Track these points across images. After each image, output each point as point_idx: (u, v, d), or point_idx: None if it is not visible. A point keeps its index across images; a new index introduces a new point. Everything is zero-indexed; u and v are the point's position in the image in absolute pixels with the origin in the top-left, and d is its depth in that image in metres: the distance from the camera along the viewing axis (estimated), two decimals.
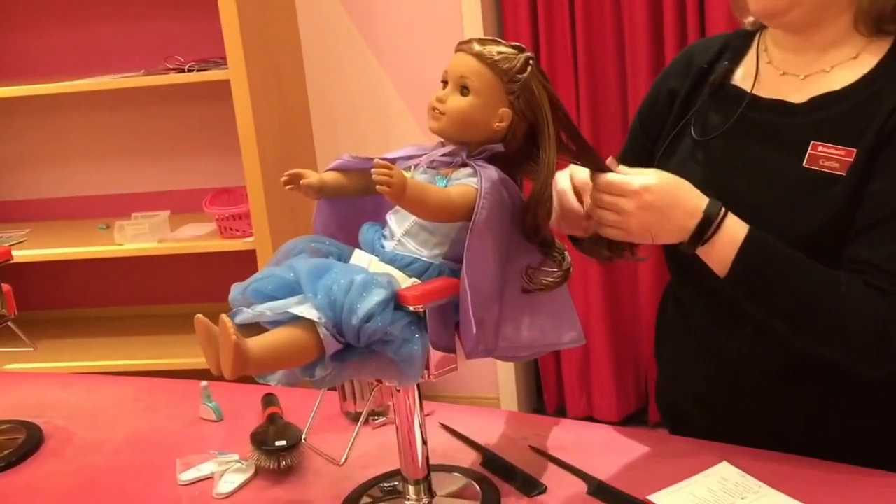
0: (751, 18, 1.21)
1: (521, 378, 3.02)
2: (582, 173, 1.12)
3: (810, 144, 1.10)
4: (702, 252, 1.07)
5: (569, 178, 1.15)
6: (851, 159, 1.07)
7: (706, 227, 1.05)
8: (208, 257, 2.49)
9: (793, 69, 1.16)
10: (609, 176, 1.06)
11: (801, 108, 1.14)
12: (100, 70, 2.65)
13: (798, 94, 1.15)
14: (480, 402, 2.98)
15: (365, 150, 1.04)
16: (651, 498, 1.04)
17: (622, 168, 1.07)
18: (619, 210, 1.05)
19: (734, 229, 1.06)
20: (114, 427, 1.38)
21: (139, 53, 2.66)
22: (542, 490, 1.08)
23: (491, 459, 1.16)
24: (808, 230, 1.07)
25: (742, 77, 1.21)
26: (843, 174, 1.07)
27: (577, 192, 1.14)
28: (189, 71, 2.45)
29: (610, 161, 1.07)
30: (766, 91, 1.18)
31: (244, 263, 2.04)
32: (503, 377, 2.96)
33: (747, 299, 1.09)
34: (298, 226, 2.41)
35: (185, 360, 2.45)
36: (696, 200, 1.06)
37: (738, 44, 1.24)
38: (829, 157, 1.09)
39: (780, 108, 1.15)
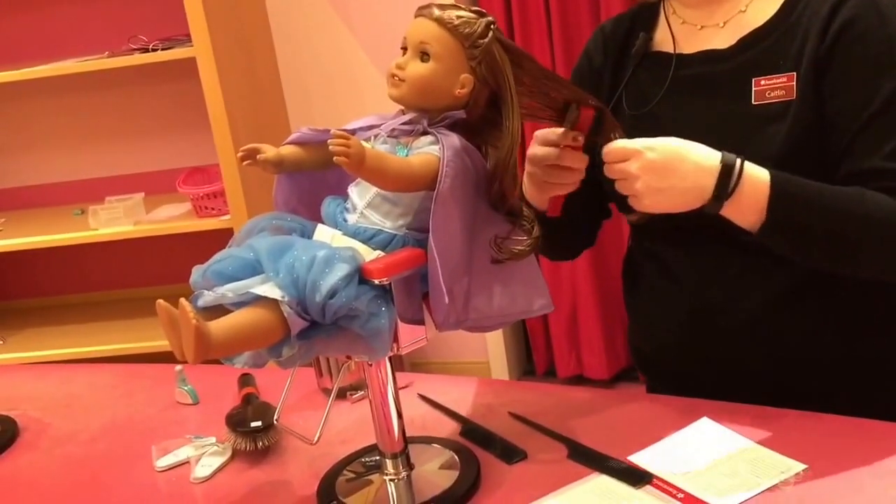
0: None
1: (510, 341, 3.02)
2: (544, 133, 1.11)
3: (752, 81, 1.11)
4: (729, 207, 1.03)
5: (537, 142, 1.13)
6: (794, 83, 1.09)
7: (728, 177, 1.01)
8: (185, 238, 2.47)
9: (709, 21, 1.18)
10: (612, 143, 1.04)
11: (730, 52, 1.15)
12: (63, 54, 2.61)
13: (723, 40, 1.16)
14: (470, 367, 2.98)
15: (340, 121, 1.02)
16: (632, 458, 1.04)
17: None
18: (625, 175, 1.03)
19: (756, 174, 1.03)
20: (89, 415, 1.36)
21: (102, 35, 2.61)
22: (523, 456, 1.08)
23: (470, 429, 1.15)
24: (773, 163, 1.06)
25: (661, 42, 1.22)
26: (794, 98, 1.09)
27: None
28: (154, 50, 2.41)
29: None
30: (690, 47, 1.19)
31: (222, 242, 2.00)
32: (492, 341, 2.96)
33: (785, 243, 1.06)
34: None
35: (166, 342, 2.42)
36: (706, 153, 1.03)
37: (646, 15, 1.25)
38: (774, 87, 1.10)
39: (711, 57, 1.16)
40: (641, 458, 1.04)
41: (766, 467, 0.99)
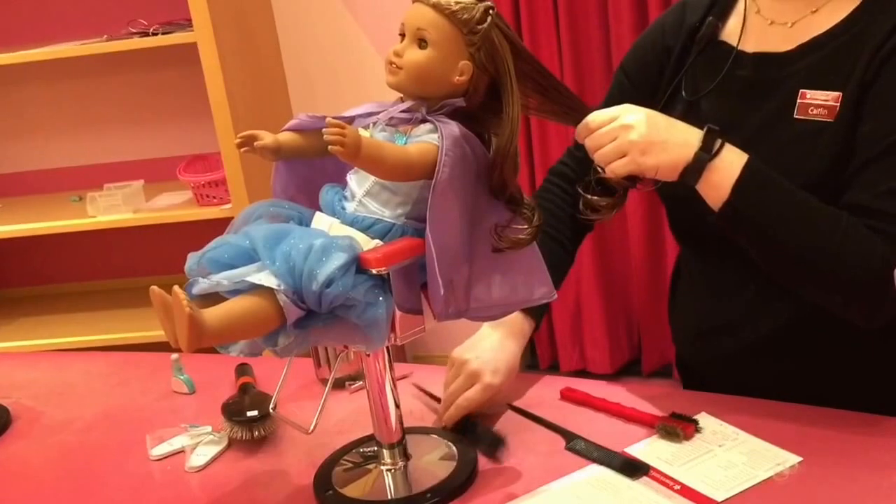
0: None
1: None
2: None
3: (799, 93, 1.08)
4: (704, 178, 1.02)
5: None
6: (837, 104, 1.05)
7: (711, 141, 1.01)
8: (185, 226, 2.45)
9: (781, 17, 1.13)
10: (598, 112, 1.03)
11: (787, 58, 1.11)
12: (61, 37, 2.58)
13: (785, 42, 1.12)
14: None
15: (343, 107, 1.01)
16: (629, 450, 1.03)
17: None
18: (620, 127, 1.01)
19: (734, 154, 1.02)
20: (84, 404, 1.35)
21: (101, 18, 2.58)
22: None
23: (468, 420, 1.14)
24: (803, 182, 1.03)
25: (730, 32, 1.18)
26: (831, 120, 1.05)
27: None
28: (154, 34, 2.39)
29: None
30: (752, 45, 1.15)
31: (222, 231, 2.00)
32: None
33: (743, 231, 1.04)
34: None
35: (163, 332, 2.41)
36: (690, 127, 1.03)
37: None
38: (817, 103, 1.06)
39: (766, 60, 1.13)
40: (638, 450, 1.04)
41: (762, 459, 0.99)
